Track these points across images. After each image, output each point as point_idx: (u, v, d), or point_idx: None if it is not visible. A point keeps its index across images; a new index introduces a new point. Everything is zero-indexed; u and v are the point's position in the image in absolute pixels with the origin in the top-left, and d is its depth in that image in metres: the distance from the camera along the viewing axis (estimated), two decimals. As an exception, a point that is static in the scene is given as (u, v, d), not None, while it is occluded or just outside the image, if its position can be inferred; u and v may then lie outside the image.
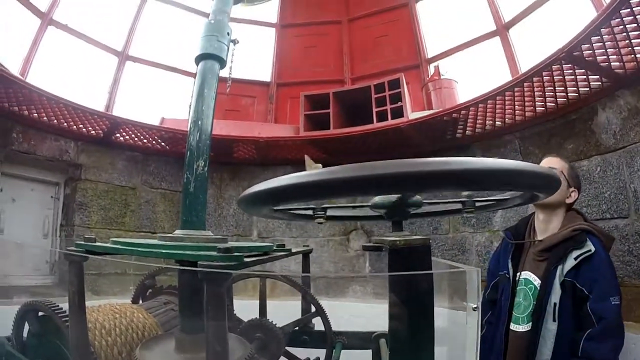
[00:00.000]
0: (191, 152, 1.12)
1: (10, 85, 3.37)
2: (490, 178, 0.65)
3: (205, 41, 1.25)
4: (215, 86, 1.23)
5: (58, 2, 4.74)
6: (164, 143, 4.57)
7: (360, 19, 6.17)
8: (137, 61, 5.44)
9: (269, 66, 6.20)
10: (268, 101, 6.00)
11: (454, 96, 4.61)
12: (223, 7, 1.33)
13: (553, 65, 2.96)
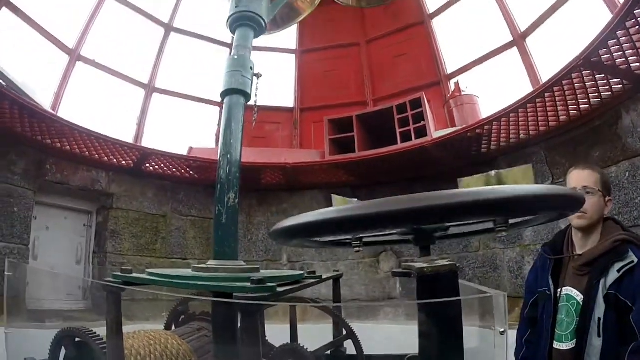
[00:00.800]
0: (222, 185, 1.16)
1: (43, 119, 3.56)
2: (517, 205, 0.66)
3: (230, 77, 1.30)
4: (242, 120, 1.28)
5: (85, 38, 5.02)
6: (192, 172, 4.69)
7: (377, 40, 6.24)
8: (164, 93, 5.66)
9: (292, 92, 6.32)
10: (293, 126, 6.10)
11: (476, 112, 4.59)
12: (245, 43, 1.39)
13: (572, 73, 2.94)
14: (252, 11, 1.41)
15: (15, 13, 4.26)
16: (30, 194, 3.74)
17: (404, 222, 0.75)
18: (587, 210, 1.84)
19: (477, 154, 4.04)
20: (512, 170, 3.11)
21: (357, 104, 5.98)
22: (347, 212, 0.69)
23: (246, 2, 1.42)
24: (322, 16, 2.65)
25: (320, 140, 5.17)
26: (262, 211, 5.01)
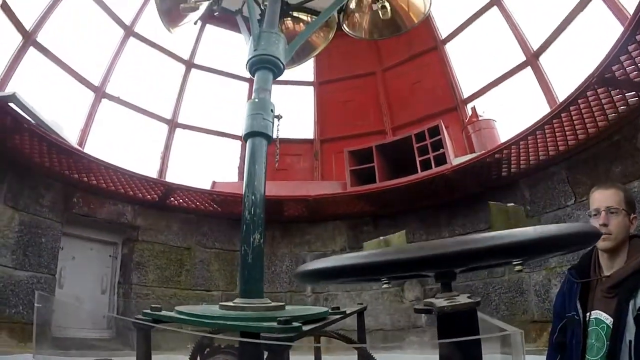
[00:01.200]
0: (247, 226, 1.20)
1: (70, 155, 3.73)
2: (534, 248, 0.68)
3: (252, 120, 1.36)
4: (265, 162, 1.33)
5: (110, 76, 5.25)
6: (216, 205, 4.79)
7: (393, 68, 6.33)
8: (186, 128, 5.84)
9: (311, 123, 6.44)
10: (313, 158, 6.19)
11: (494, 136, 4.59)
12: (264, 85, 1.45)
13: (587, 91, 2.94)
14: (270, 54, 1.47)
15: (43, 53, 4.51)
16: (57, 225, 3.88)
17: (430, 267, 0.77)
18: (612, 231, 1.81)
19: (497, 178, 4.04)
20: None
21: (376, 133, 6.05)
22: (375, 258, 0.72)
23: (264, 45, 1.49)
24: (337, 47, 2.74)
25: (341, 171, 5.24)
26: (285, 243, 5.06)
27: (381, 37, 2.68)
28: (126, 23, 5.49)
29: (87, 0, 5.05)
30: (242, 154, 5.97)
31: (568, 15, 4.23)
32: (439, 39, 5.93)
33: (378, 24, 2.42)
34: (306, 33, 1.78)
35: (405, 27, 2.48)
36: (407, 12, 2.42)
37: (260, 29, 1.57)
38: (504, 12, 5.06)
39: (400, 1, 2.39)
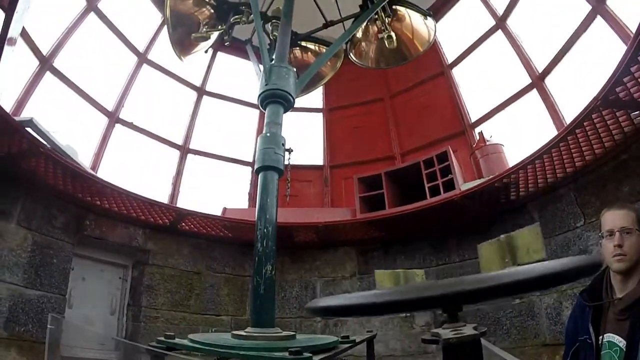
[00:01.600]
0: (259, 259, 1.24)
1: (84, 179, 3.80)
2: (538, 284, 0.71)
3: (264, 154, 1.41)
4: (276, 194, 1.38)
5: (124, 102, 5.39)
6: (226, 231, 4.84)
7: (401, 94, 6.42)
8: (197, 154, 5.94)
9: (321, 149, 6.52)
10: (323, 184, 6.25)
11: (502, 160, 4.61)
12: (276, 119, 1.51)
13: (592, 114, 2.95)
14: (281, 89, 1.54)
15: (59, 77, 4.66)
16: (69, 246, 3.93)
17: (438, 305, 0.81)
18: (627, 252, 1.77)
19: (506, 202, 4.05)
20: (521, 233, 3.09)
21: (385, 158, 6.12)
22: (385, 298, 0.75)
23: (275, 80, 1.56)
24: (345, 74, 2.81)
25: (350, 196, 5.28)
26: (295, 268, 5.06)
27: (387, 66, 2.75)
28: (140, 50, 5.67)
29: (103, 28, 5.23)
30: (252, 180, 6.03)
31: (572, 36, 4.29)
32: (445, 64, 6.02)
33: (384, 53, 2.50)
34: (316, 66, 1.85)
35: (411, 55, 2.56)
36: (412, 41, 2.50)
37: (270, 62, 1.64)
38: (509, 36, 5.14)
39: (406, 30, 2.46)
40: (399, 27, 2.45)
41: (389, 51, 2.42)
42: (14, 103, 4.19)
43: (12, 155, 3.33)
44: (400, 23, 2.47)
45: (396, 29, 2.39)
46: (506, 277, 0.73)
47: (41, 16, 4.25)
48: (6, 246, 3.41)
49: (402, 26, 2.48)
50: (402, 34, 2.46)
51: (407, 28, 2.48)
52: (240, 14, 2.36)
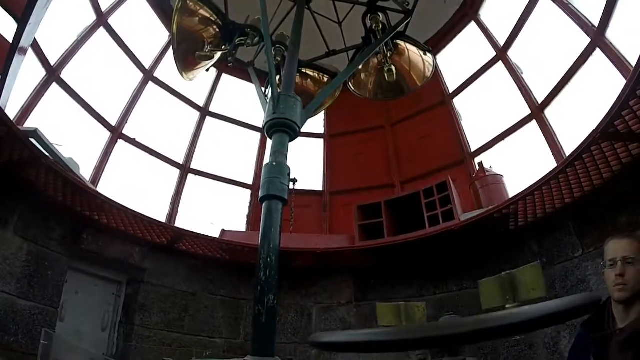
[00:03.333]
0: (262, 287, 1.23)
1: (84, 194, 3.80)
2: (538, 324, 0.72)
3: (269, 183, 1.42)
4: (280, 224, 1.38)
5: (128, 118, 5.43)
6: (224, 254, 4.82)
7: (402, 122, 6.49)
8: (198, 174, 5.95)
9: (320, 175, 6.54)
10: (322, 209, 6.24)
11: (501, 191, 4.64)
12: (281, 149, 1.52)
13: (591, 147, 3.00)
14: (288, 118, 1.55)
15: (65, 89, 4.71)
16: (64, 259, 3.90)
17: (442, 345, 0.82)
18: (629, 281, 1.75)
19: (505, 232, 4.07)
20: (523, 270, 3.08)
21: (384, 186, 6.14)
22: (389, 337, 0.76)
23: (282, 109, 1.58)
24: (347, 101, 2.85)
25: (349, 223, 5.27)
26: (292, 294, 5.02)
27: (385, 99, 2.80)
28: (146, 67, 5.75)
29: (111, 43, 5.32)
30: (251, 203, 6.06)
31: (571, 67, 4.37)
32: (446, 94, 6.11)
33: (383, 85, 2.53)
34: (322, 97, 1.88)
35: (409, 89, 2.60)
36: (410, 75, 2.54)
37: (278, 91, 1.66)
38: (509, 67, 5.24)
39: (405, 64, 2.51)
40: (398, 61, 2.49)
41: (388, 84, 2.45)
42: (19, 111, 4.21)
43: (14, 163, 3.33)
44: (399, 57, 2.52)
45: (395, 62, 2.43)
46: (507, 318, 0.74)
47: (52, 26, 4.30)
48: (1, 254, 3.38)
49: (402, 60, 2.52)
50: (401, 68, 2.50)
51: (406, 62, 2.53)
52: (245, 36, 2.39)
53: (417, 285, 4.67)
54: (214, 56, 2.35)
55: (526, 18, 5.08)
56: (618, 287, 1.77)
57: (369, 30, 2.39)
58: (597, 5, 3.99)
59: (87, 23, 5.02)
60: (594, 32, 4.08)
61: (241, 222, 5.93)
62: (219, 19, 2.38)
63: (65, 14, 4.66)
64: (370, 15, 2.36)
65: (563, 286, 3.58)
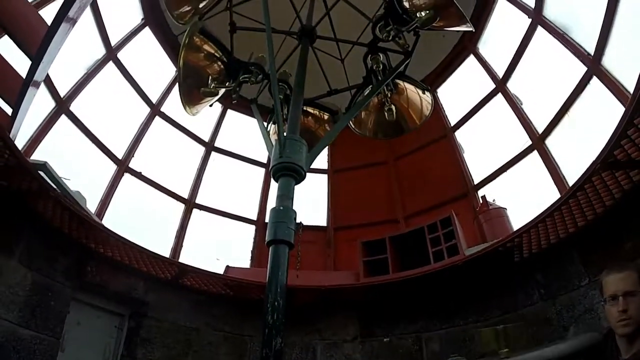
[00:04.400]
0: (269, 330, 1.25)
1: (90, 227, 3.83)
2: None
3: (276, 227, 1.45)
4: (287, 267, 1.41)
5: (134, 152, 5.51)
6: (229, 290, 4.80)
7: (404, 156, 6.56)
8: (203, 209, 5.99)
9: (324, 210, 6.57)
10: (326, 245, 6.24)
11: (505, 224, 4.64)
12: (288, 193, 1.56)
13: (592, 177, 3.03)
14: (294, 162, 1.60)
15: (73, 121, 4.80)
16: (68, 290, 3.89)
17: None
18: (632, 315, 1.75)
19: (509, 264, 4.06)
20: None
21: (388, 221, 6.15)
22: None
23: (289, 153, 1.63)
24: (350, 137, 2.90)
25: (353, 258, 5.26)
26: (296, 331, 4.95)
27: (385, 137, 2.85)
28: (153, 102, 5.88)
29: (119, 77, 5.45)
30: (255, 239, 6.07)
31: (569, 96, 4.42)
32: (448, 127, 6.20)
33: (383, 124, 2.59)
34: (326, 142, 1.93)
35: (408, 128, 2.66)
36: (410, 114, 2.61)
37: (284, 134, 1.71)
38: (509, 98, 5.32)
39: (404, 103, 2.58)
40: (397, 99, 2.56)
41: (388, 122, 2.51)
42: (28, 140, 4.27)
43: (22, 194, 3.38)
44: (399, 96, 2.59)
45: (395, 101, 2.50)
46: None
47: (62, 58, 4.39)
48: (4, 282, 3.37)
49: (401, 99, 2.59)
50: (400, 107, 2.56)
51: (405, 101, 2.60)
52: (249, 73, 2.46)
53: (423, 320, 4.60)
54: (218, 92, 2.42)
55: (523, 49, 5.18)
56: (622, 323, 1.77)
57: (369, 70, 2.47)
58: (592, 34, 4.05)
59: (97, 56, 5.16)
60: (590, 61, 4.14)
61: (245, 257, 5.93)
62: (224, 56, 2.46)
63: (76, 47, 4.78)
64: (371, 55, 2.44)
65: (570, 316, 3.53)
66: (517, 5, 5.19)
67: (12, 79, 3.40)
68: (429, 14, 1.87)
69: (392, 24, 2.17)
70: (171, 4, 2.27)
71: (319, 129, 2.74)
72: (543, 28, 4.80)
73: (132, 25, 5.63)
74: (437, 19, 1.90)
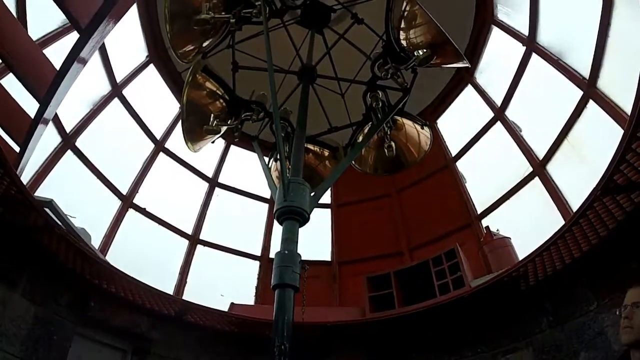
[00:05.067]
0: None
1: (94, 263, 3.84)
2: None
3: (282, 272, 1.47)
4: (292, 311, 1.42)
5: (138, 188, 5.55)
6: (233, 326, 4.77)
7: (407, 189, 6.57)
8: (207, 245, 5.97)
9: (328, 244, 6.53)
10: (331, 280, 6.19)
11: (510, 254, 4.61)
12: (292, 236, 1.58)
13: (594, 203, 3.05)
14: (298, 206, 1.63)
15: (79, 157, 4.86)
16: (70, 325, 3.88)
17: None
18: (634, 324, 1.78)
19: (516, 294, 4.04)
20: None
21: (393, 254, 6.12)
22: None
23: (293, 197, 1.66)
24: (353, 171, 2.93)
25: (359, 292, 5.22)
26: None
27: (385, 173, 2.89)
28: (157, 138, 5.95)
29: (124, 113, 5.53)
30: (260, 274, 6.04)
31: (567, 121, 4.45)
32: (449, 158, 6.24)
33: (383, 160, 2.63)
34: (329, 183, 1.96)
35: (408, 164, 2.71)
36: (409, 149, 2.65)
37: (288, 177, 1.75)
38: (508, 126, 5.35)
39: (404, 139, 2.63)
40: (396, 135, 2.61)
41: (388, 158, 2.55)
42: (34, 174, 4.30)
43: (28, 229, 3.42)
44: (398, 131, 2.65)
45: (394, 137, 2.55)
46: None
47: (69, 94, 4.49)
48: (8, 315, 3.37)
49: (400, 134, 2.64)
50: (399, 142, 2.61)
51: (404, 136, 2.65)
52: (250, 111, 2.52)
53: (431, 354, 4.54)
54: (221, 130, 2.47)
55: (520, 77, 5.25)
56: (625, 330, 1.80)
57: (369, 107, 2.53)
58: (586, 57, 4.08)
59: (102, 93, 5.24)
60: (585, 85, 4.18)
61: (250, 293, 5.87)
62: (226, 94, 2.52)
63: (83, 83, 4.87)
64: (370, 93, 2.50)
65: (581, 341, 3.48)
66: (511, 34, 5.29)
67: (20, 116, 3.47)
68: (426, 52, 1.92)
69: (391, 62, 2.23)
70: (175, 43, 2.35)
71: (319, 165, 2.78)
72: (538, 55, 4.88)
73: (137, 62, 5.76)
74: (434, 57, 1.96)
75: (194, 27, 2.20)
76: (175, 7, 2.15)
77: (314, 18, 2.78)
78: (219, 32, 2.51)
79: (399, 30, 2.14)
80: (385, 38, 2.26)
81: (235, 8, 2.35)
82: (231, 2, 2.40)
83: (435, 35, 1.90)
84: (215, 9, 2.33)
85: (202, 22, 2.16)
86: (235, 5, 2.38)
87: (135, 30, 5.63)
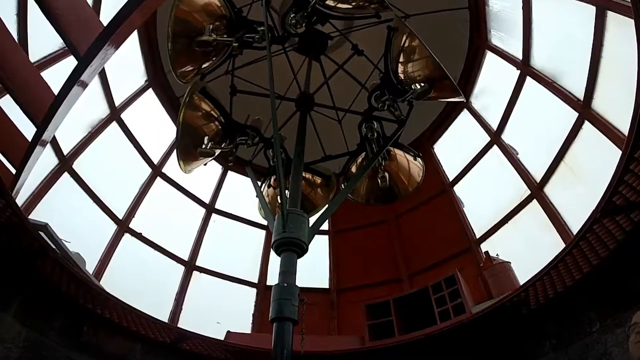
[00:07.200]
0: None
1: (88, 289, 3.78)
2: None
3: (281, 305, 1.45)
4: (291, 344, 1.39)
5: (135, 212, 5.49)
6: (229, 355, 4.68)
7: (405, 214, 6.55)
8: (203, 271, 5.87)
9: (326, 272, 6.45)
10: (329, 308, 6.10)
11: (511, 278, 4.57)
12: (291, 269, 1.56)
13: (593, 226, 3.03)
14: (296, 237, 1.62)
15: (75, 180, 4.80)
16: (63, 350, 3.79)
17: None
18: None
19: (518, 318, 4.00)
20: None
21: (392, 281, 6.06)
22: None
23: (292, 228, 1.65)
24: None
25: (357, 320, 5.15)
26: None
27: (376, 204, 2.89)
28: (155, 162, 5.92)
29: (122, 137, 5.52)
30: (257, 301, 5.94)
31: (564, 143, 4.47)
32: (446, 183, 6.23)
33: (375, 191, 2.65)
34: (327, 215, 1.95)
35: (400, 195, 2.72)
36: (402, 180, 2.66)
37: (287, 208, 1.73)
38: (504, 150, 5.37)
39: (396, 169, 2.64)
40: (389, 166, 2.63)
41: (380, 189, 2.56)
42: (29, 195, 4.24)
43: (22, 251, 3.37)
44: (390, 162, 2.66)
45: (387, 168, 2.56)
46: None
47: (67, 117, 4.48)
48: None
49: (392, 165, 2.66)
50: (392, 173, 2.62)
51: (397, 167, 2.66)
52: (246, 136, 2.52)
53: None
54: (214, 153, 2.47)
55: (515, 100, 5.29)
56: (638, 345, 1.87)
57: (363, 137, 2.55)
58: (580, 78, 4.10)
59: (100, 116, 5.23)
60: (580, 106, 4.21)
61: (247, 320, 5.75)
62: (222, 117, 2.53)
63: (81, 106, 4.86)
64: (365, 124, 2.52)
65: (584, 363, 3.41)
66: (505, 58, 5.36)
67: (17, 138, 3.45)
68: (423, 87, 1.94)
69: (387, 94, 2.25)
70: (175, 62, 2.38)
71: (311, 192, 2.79)
72: (532, 78, 4.93)
73: (136, 86, 5.77)
74: (432, 91, 1.98)
75: (195, 48, 2.23)
76: (179, 27, 2.18)
77: (312, 46, 2.82)
78: (220, 54, 2.54)
79: (397, 63, 2.17)
80: (382, 69, 2.29)
81: (238, 32, 2.39)
82: (234, 26, 2.43)
83: (433, 70, 1.92)
84: (218, 31, 2.37)
85: (204, 43, 2.19)
86: (238, 29, 2.41)
87: (135, 54, 5.67)
